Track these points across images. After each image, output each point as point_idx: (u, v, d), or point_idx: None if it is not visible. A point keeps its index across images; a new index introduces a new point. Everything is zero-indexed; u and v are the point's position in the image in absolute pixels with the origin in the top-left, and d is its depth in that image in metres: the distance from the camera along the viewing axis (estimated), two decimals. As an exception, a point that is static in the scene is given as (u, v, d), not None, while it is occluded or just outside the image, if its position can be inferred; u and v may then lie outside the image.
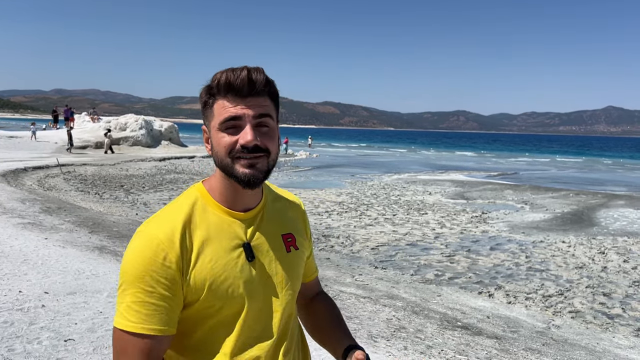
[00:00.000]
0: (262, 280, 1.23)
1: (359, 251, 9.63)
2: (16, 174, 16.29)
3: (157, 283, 1.11)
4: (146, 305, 1.10)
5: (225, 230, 1.20)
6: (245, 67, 1.17)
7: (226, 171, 1.18)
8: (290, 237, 1.33)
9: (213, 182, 1.25)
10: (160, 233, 1.14)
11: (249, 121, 1.16)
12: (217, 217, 1.21)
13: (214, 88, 1.17)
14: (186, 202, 1.22)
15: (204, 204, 1.22)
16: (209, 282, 1.14)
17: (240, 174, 1.16)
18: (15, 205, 10.29)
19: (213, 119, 1.18)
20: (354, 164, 35.99)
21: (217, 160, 1.18)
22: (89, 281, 5.48)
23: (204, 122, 1.24)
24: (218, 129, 1.17)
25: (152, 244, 1.12)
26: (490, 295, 7.33)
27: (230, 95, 1.16)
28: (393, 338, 4.75)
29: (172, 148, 34.19)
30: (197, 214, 1.20)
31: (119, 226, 9.28)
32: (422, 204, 16.01)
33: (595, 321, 6.54)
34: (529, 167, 39.47)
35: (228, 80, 1.15)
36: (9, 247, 6.67)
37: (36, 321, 4.25)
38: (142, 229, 1.17)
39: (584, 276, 8.52)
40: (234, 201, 1.23)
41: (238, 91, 1.16)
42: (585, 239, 11.52)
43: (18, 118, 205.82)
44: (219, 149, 1.17)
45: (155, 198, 14.60)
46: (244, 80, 1.15)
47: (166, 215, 1.19)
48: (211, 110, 1.19)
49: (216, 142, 1.18)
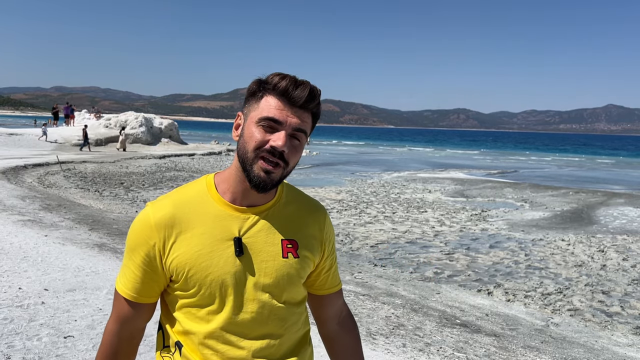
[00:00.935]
0: (247, 277, 1.24)
1: (359, 249, 9.65)
2: (16, 171, 16.29)
3: (139, 257, 1.25)
4: (128, 272, 1.28)
5: (220, 222, 1.24)
6: (306, 81, 1.23)
7: (244, 164, 1.22)
8: (292, 244, 1.30)
9: (225, 175, 1.29)
10: (155, 214, 1.25)
11: (286, 129, 1.20)
12: (215, 208, 1.25)
13: (270, 85, 1.22)
14: (190, 190, 1.29)
15: (206, 194, 1.27)
16: (189, 267, 1.22)
17: (255, 175, 1.20)
18: (15, 203, 10.30)
19: (255, 110, 1.22)
20: (354, 161, 36.00)
21: (241, 151, 1.22)
22: (89, 278, 5.49)
23: (243, 108, 1.27)
24: (256, 122, 1.21)
25: (145, 222, 1.25)
26: (489, 293, 7.34)
27: (282, 98, 1.21)
28: (392, 335, 4.77)
29: (172, 145, 34.19)
30: (196, 202, 1.26)
31: (119, 223, 9.29)
32: (422, 202, 16.02)
33: (594, 319, 6.55)
34: (529, 165, 39.48)
35: (287, 89, 1.20)
36: (8, 244, 6.68)
37: (36, 318, 4.26)
38: (148, 205, 1.29)
39: (583, 274, 8.54)
40: (241, 195, 1.26)
41: (292, 99, 1.21)
42: (585, 237, 11.53)
43: (18, 115, 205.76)
44: (249, 140, 1.21)
45: (155, 195, 14.61)
46: (300, 95, 1.20)
47: (170, 197, 1.29)
48: (257, 102, 1.23)
49: (249, 133, 1.22)
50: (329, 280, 1.43)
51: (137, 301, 1.29)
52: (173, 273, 1.23)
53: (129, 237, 1.28)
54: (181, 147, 34.05)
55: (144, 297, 1.29)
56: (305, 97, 1.20)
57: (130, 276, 1.27)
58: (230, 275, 1.23)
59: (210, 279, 1.22)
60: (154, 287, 1.28)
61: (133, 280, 1.27)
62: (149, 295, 1.29)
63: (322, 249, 1.38)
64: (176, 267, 1.22)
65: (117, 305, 1.31)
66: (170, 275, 1.25)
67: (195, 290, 1.23)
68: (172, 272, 1.23)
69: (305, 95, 1.20)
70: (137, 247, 1.25)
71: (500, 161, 44.47)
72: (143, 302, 1.29)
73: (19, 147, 25.20)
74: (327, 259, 1.41)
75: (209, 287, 1.22)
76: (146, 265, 1.25)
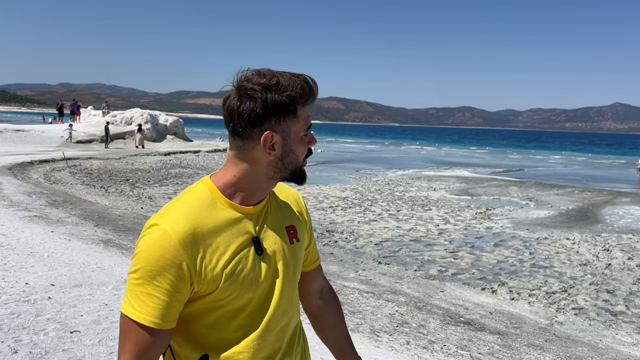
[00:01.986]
0: (269, 272, 1.27)
1: (363, 246, 9.66)
2: (23, 167, 16.38)
3: (166, 281, 1.15)
4: (153, 299, 1.16)
5: (237, 226, 1.24)
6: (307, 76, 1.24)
7: (296, 173, 1.27)
8: (293, 229, 1.36)
9: (231, 179, 1.25)
10: (171, 229, 1.16)
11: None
12: (227, 212, 1.23)
13: (299, 96, 1.21)
14: (196, 198, 1.24)
15: (213, 199, 1.24)
16: (225, 275, 1.19)
17: (304, 174, 1.29)
18: (22, 199, 10.37)
19: (296, 125, 1.23)
20: (359, 159, 35.98)
21: (293, 164, 1.26)
22: (95, 274, 5.53)
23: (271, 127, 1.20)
24: (302, 137, 1.25)
25: (167, 242, 1.15)
26: (493, 292, 7.34)
27: (306, 104, 1.25)
28: (396, 333, 4.78)
29: (177, 142, 34.26)
30: (208, 210, 1.22)
31: (125, 220, 9.33)
32: (426, 200, 16.01)
33: (599, 318, 6.54)
34: (534, 164, 39.35)
35: (312, 91, 1.23)
36: (15, 240, 6.73)
37: (42, 313, 4.29)
38: (155, 221, 1.19)
39: (588, 273, 8.52)
40: (252, 197, 1.27)
41: (310, 100, 1.25)
42: (590, 236, 11.50)
43: (24, 112, 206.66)
44: (300, 153, 1.26)
45: (160, 192, 14.66)
46: (315, 91, 1.25)
47: (177, 210, 1.21)
48: (295, 118, 1.22)
49: (299, 147, 1.25)
50: (309, 256, 1.50)
51: (162, 328, 1.18)
52: (206, 287, 1.19)
53: (147, 262, 1.16)
54: (186, 144, 34.12)
55: (169, 322, 1.19)
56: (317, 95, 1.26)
57: (156, 302, 1.16)
58: (259, 275, 1.25)
59: (245, 282, 1.23)
60: (180, 308, 1.21)
61: (160, 306, 1.16)
62: (174, 319, 1.21)
63: (307, 226, 1.46)
64: (211, 280, 1.18)
65: (134, 337, 1.17)
66: (198, 291, 1.20)
67: (231, 297, 1.22)
68: (208, 286, 1.19)
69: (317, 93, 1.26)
70: (162, 271, 1.15)
71: (506, 159, 44.35)
72: (168, 327, 1.19)
73: (25, 144, 25.32)
74: (309, 235, 1.48)
75: (243, 291, 1.23)
76: (175, 288, 1.16)
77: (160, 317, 1.16)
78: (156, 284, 1.15)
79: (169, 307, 1.17)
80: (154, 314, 1.16)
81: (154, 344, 1.18)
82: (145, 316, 1.16)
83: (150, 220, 1.21)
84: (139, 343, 1.17)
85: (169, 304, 1.17)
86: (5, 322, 4.02)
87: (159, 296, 1.16)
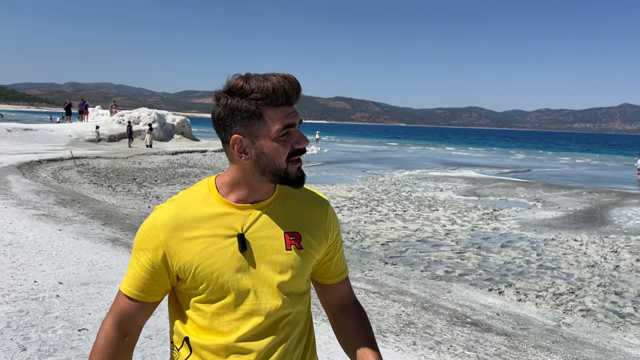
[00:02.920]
0: (251, 272, 1.28)
1: (369, 247, 9.65)
2: (31, 166, 16.48)
3: (144, 258, 1.29)
4: (133, 272, 1.31)
5: (222, 221, 1.28)
6: (283, 74, 1.23)
7: (278, 175, 1.26)
8: (295, 236, 1.33)
9: (227, 179, 1.31)
10: (161, 216, 1.29)
11: (298, 126, 1.26)
12: (217, 208, 1.29)
13: (265, 98, 1.20)
14: (194, 192, 1.33)
15: (207, 195, 1.31)
16: (195, 264, 1.26)
17: (294, 177, 1.26)
18: (30, 197, 10.44)
19: (264, 128, 1.22)
20: (365, 159, 35.94)
21: (270, 166, 1.25)
22: (102, 272, 5.55)
23: (238, 131, 1.23)
24: (272, 139, 1.22)
25: (152, 224, 1.29)
26: (500, 293, 7.32)
27: (281, 104, 1.22)
28: (402, 333, 4.77)
29: (185, 142, 34.37)
30: (199, 203, 1.30)
31: (132, 219, 9.37)
32: (433, 200, 15.97)
33: (607, 320, 6.51)
34: (542, 164, 39.16)
35: (284, 89, 1.21)
36: (24, 238, 6.77)
37: (51, 310, 4.32)
38: (156, 208, 1.34)
39: (596, 275, 8.47)
40: (248, 197, 1.30)
41: (291, 100, 1.24)
42: (598, 237, 11.43)
43: (33, 111, 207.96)
44: (277, 155, 1.23)
45: (167, 191, 14.72)
46: (297, 89, 1.24)
47: (176, 200, 1.33)
48: (260, 121, 1.21)
49: (271, 150, 1.23)
50: (334, 270, 1.47)
51: (139, 299, 1.31)
52: (180, 272, 1.27)
53: (136, 238, 1.32)
54: (193, 144, 34.22)
55: (147, 296, 1.32)
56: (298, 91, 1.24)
57: (135, 276, 1.30)
58: (237, 271, 1.27)
59: (216, 275, 1.26)
60: (157, 287, 1.31)
61: (137, 279, 1.30)
62: (152, 295, 1.32)
63: (326, 238, 1.41)
64: (183, 266, 1.26)
65: (119, 303, 1.33)
66: (177, 274, 1.29)
67: (203, 287, 1.27)
68: (179, 271, 1.27)
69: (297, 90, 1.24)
70: (143, 248, 1.29)
71: (513, 160, 44.16)
72: (146, 300, 1.32)
73: (34, 142, 25.48)
74: (331, 248, 1.44)
75: (216, 283, 1.26)
76: (150, 266, 1.29)
77: (136, 288, 1.30)
78: (138, 259, 1.30)
79: (145, 280, 1.30)
80: (133, 285, 1.31)
81: (131, 312, 1.31)
82: (127, 287, 1.31)
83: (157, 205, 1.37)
84: (120, 309, 1.32)
85: (145, 279, 1.29)
86: (14, 320, 4.05)
87: (138, 270, 1.30)
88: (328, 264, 1.45)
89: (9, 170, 14.52)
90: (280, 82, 1.20)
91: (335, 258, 1.46)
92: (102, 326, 1.32)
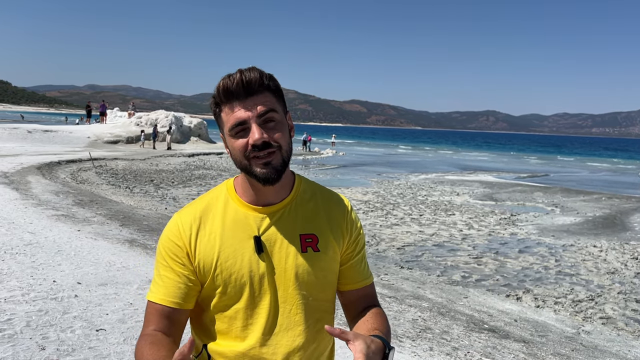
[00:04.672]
0: (268, 274, 1.27)
1: (385, 250, 9.60)
2: (51, 167, 16.72)
3: (171, 259, 1.27)
4: (164, 280, 1.27)
5: (241, 222, 1.28)
6: (238, 70, 1.23)
7: (246, 172, 1.26)
8: (311, 238, 1.30)
9: (239, 180, 1.34)
10: (181, 219, 1.30)
11: (254, 121, 1.21)
12: (235, 209, 1.30)
13: (217, 97, 1.25)
14: (212, 195, 1.34)
15: (227, 197, 1.32)
16: (214, 266, 1.26)
17: (258, 173, 1.22)
18: (50, 198, 10.58)
19: (224, 126, 1.26)
20: (381, 162, 35.84)
21: (236, 163, 1.26)
22: (120, 273, 5.60)
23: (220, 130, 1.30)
24: (230, 135, 1.24)
25: (173, 227, 1.29)
26: (518, 299, 7.22)
27: (231, 101, 1.22)
28: (419, 338, 4.73)
29: (201, 144, 34.61)
30: (218, 205, 1.31)
31: (149, 220, 9.45)
32: (450, 205, 15.85)
33: (627, 328, 6.38)
34: (560, 169, 38.68)
35: (225, 86, 1.22)
36: (43, 238, 6.86)
37: (69, 310, 4.36)
38: (175, 215, 1.34)
39: (616, 282, 8.32)
40: (256, 197, 1.30)
41: (237, 95, 1.22)
42: (618, 243, 11.24)
43: (52, 112, 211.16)
44: (235, 152, 1.24)
45: (184, 193, 14.82)
46: (239, 84, 1.21)
47: (194, 204, 1.34)
48: (220, 119, 1.27)
49: (231, 147, 1.25)
50: (355, 275, 1.38)
51: (178, 307, 1.26)
52: (201, 272, 1.26)
53: (160, 246, 1.30)
54: (210, 146, 34.43)
55: (184, 302, 1.26)
56: (243, 85, 1.20)
57: (169, 283, 1.26)
58: (253, 273, 1.26)
59: (234, 277, 1.25)
60: (191, 291, 1.27)
61: (172, 286, 1.26)
62: (188, 300, 1.27)
63: (345, 237, 1.35)
64: (203, 266, 1.26)
65: (152, 319, 1.26)
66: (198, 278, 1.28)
67: (221, 289, 1.26)
68: (200, 271, 1.26)
69: (242, 84, 1.20)
70: (170, 252, 1.28)
71: (530, 164, 43.70)
72: (183, 307, 1.27)
73: (54, 144, 25.86)
74: (350, 249, 1.37)
75: (234, 286, 1.25)
76: (181, 268, 1.27)
77: (175, 296, 1.26)
78: (167, 265, 1.28)
79: (181, 286, 1.26)
80: (168, 293, 1.26)
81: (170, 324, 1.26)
82: (162, 297, 1.26)
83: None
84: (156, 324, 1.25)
85: (181, 284, 1.26)
86: (33, 319, 4.09)
87: (170, 276, 1.27)
88: (348, 266, 1.37)
89: (29, 171, 14.75)
90: (225, 79, 1.22)
91: (355, 261, 1.38)
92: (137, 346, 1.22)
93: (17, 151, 20.64)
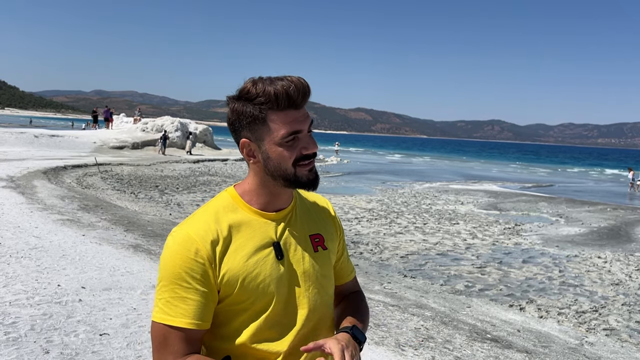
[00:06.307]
0: (289, 278, 1.28)
1: (388, 259, 9.59)
2: (56, 172, 16.82)
3: (193, 279, 1.18)
4: (185, 300, 1.18)
5: (257, 230, 1.26)
6: (292, 77, 1.20)
7: (288, 179, 1.23)
8: (318, 238, 1.36)
9: (247, 187, 1.30)
10: (193, 232, 1.21)
11: (307, 131, 1.22)
12: (249, 218, 1.27)
13: (267, 102, 1.18)
14: (218, 204, 1.29)
15: (234, 205, 1.28)
16: (241, 278, 1.21)
17: (306, 179, 1.24)
18: (55, 202, 10.64)
19: (269, 133, 1.20)
20: (385, 171, 35.83)
21: (278, 171, 1.23)
22: (124, 278, 5.62)
23: (244, 134, 1.24)
24: (278, 144, 1.20)
25: (185, 242, 1.19)
26: (521, 309, 7.20)
27: (287, 108, 1.19)
28: (421, 347, 4.73)
29: (206, 150, 34.73)
30: (229, 215, 1.26)
31: (153, 225, 9.48)
32: (454, 214, 15.83)
33: (631, 340, 6.35)
34: (565, 179, 38.56)
35: (287, 93, 1.17)
36: (48, 242, 6.90)
37: (73, 315, 4.39)
38: (177, 229, 1.25)
39: (620, 293, 8.29)
40: (270, 204, 1.29)
41: (295, 103, 1.20)
42: (623, 255, 11.19)
43: (58, 117, 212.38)
44: (283, 160, 1.21)
45: (188, 199, 14.86)
46: (299, 91, 1.19)
47: (199, 216, 1.26)
48: (265, 125, 1.20)
49: (277, 155, 1.21)
50: (346, 269, 1.51)
51: (203, 328, 1.20)
52: (225, 287, 1.21)
53: (171, 265, 1.19)
54: (215, 152, 34.55)
55: (205, 322, 1.20)
56: (304, 94, 1.21)
57: (192, 304, 1.18)
58: (278, 279, 1.26)
59: (261, 286, 1.23)
60: (212, 308, 1.22)
61: (197, 307, 1.18)
62: (209, 319, 1.22)
63: (339, 239, 1.46)
64: (229, 279, 1.20)
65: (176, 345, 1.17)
66: (218, 290, 1.22)
67: (250, 300, 1.23)
68: (225, 285, 1.21)
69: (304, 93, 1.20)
70: (190, 271, 1.18)
71: (535, 174, 43.58)
72: (203, 328, 1.20)
73: (60, 149, 26.01)
74: (341, 246, 1.47)
75: (262, 294, 1.23)
76: (203, 286, 1.19)
77: (197, 317, 1.18)
78: (184, 285, 1.17)
79: (202, 306, 1.19)
80: (189, 314, 1.18)
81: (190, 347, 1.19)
82: (182, 319, 1.17)
83: (174, 229, 1.26)
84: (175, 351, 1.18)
85: (202, 303, 1.19)
86: (37, 323, 4.12)
87: (189, 297, 1.17)
88: (339, 263, 1.48)
89: (35, 176, 14.84)
90: (284, 86, 1.17)
91: (344, 257, 1.50)
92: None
93: (24, 155, 20.77)
